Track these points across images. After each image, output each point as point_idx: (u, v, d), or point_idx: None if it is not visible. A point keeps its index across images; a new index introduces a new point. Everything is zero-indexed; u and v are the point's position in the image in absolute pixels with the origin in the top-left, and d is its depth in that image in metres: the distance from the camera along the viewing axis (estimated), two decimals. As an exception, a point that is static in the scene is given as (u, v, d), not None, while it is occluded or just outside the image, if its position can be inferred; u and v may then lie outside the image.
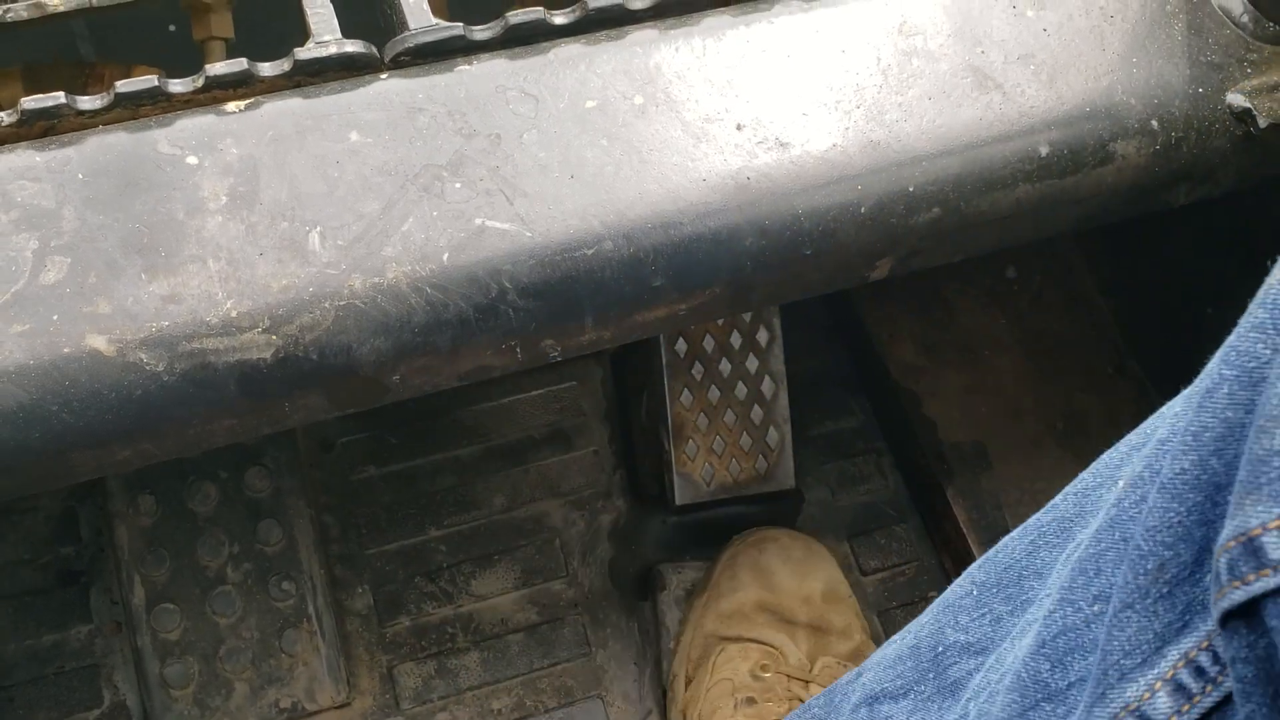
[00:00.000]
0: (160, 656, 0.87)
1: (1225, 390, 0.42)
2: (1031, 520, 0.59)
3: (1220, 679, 0.43)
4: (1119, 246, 1.00)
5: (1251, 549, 0.38)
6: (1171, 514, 0.43)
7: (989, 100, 0.64)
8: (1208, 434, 0.42)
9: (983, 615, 0.59)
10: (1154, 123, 0.66)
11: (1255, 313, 0.42)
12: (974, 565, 0.61)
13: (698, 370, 0.92)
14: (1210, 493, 0.42)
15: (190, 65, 0.64)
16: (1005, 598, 0.58)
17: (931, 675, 0.61)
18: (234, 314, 0.56)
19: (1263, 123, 0.66)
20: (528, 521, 0.96)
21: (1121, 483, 0.49)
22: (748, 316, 0.93)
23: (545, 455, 0.96)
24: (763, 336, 0.93)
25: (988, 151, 0.64)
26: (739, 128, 0.63)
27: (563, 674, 0.94)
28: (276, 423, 0.58)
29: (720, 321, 0.93)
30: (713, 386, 0.92)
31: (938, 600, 0.63)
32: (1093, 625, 0.49)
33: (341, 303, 0.56)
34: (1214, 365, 0.43)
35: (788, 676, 0.87)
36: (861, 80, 0.64)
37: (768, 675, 0.86)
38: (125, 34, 1.00)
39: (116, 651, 0.89)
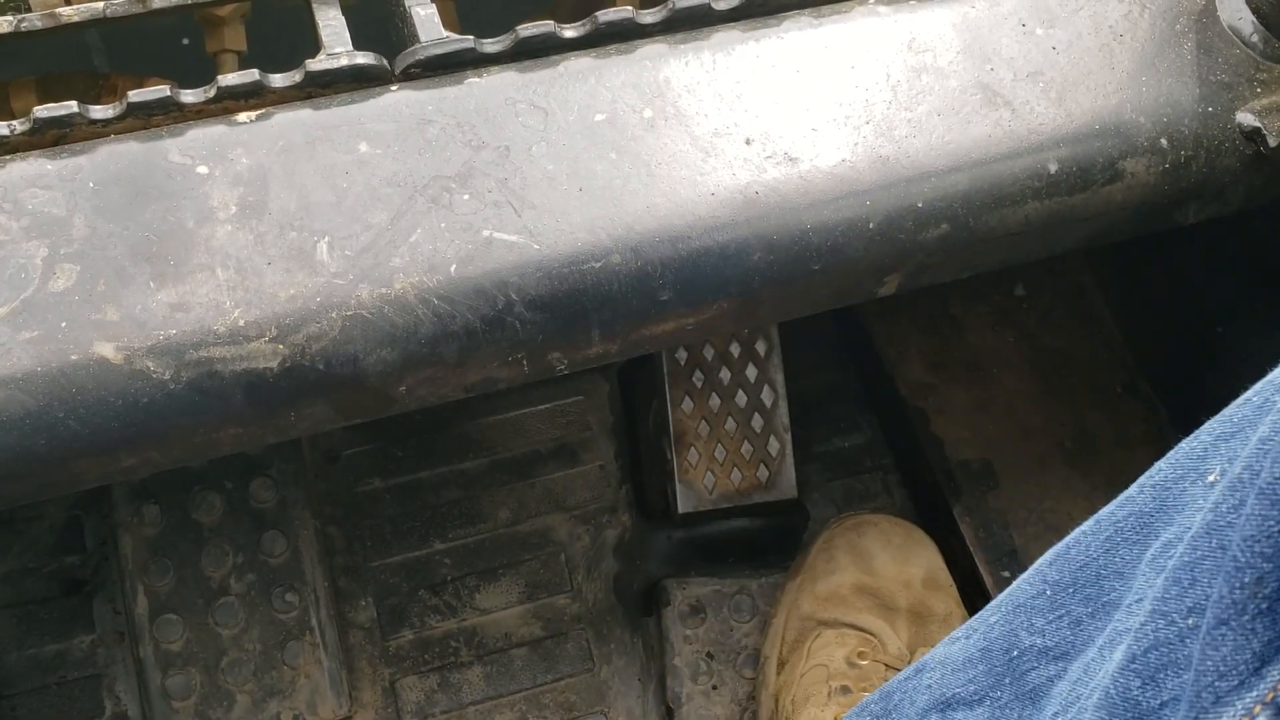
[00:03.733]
0: (162, 667, 0.87)
1: None
2: (1104, 514, 0.55)
3: None
4: (1129, 265, 1.00)
5: None
6: (1271, 523, 0.41)
7: (998, 117, 0.64)
8: None
9: (1060, 618, 0.56)
10: (1163, 141, 0.66)
11: None
12: (1043, 562, 0.58)
13: (698, 378, 0.92)
14: None
15: (203, 78, 0.64)
16: (1084, 599, 0.54)
17: (1008, 681, 0.58)
18: (241, 323, 0.56)
19: (1272, 142, 0.66)
20: (533, 535, 0.95)
21: (1212, 477, 0.47)
22: (749, 329, 0.93)
23: (551, 469, 0.96)
24: (761, 346, 0.93)
25: (997, 168, 0.64)
26: (748, 142, 0.63)
27: (566, 689, 0.93)
28: (282, 432, 0.58)
29: (723, 333, 0.93)
30: (713, 395, 0.92)
31: (1004, 598, 0.60)
32: (1187, 640, 0.46)
33: (349, 313, 0.56)
34: None
35: (885, 665, 0.84)
36: (870, 96, 0.64)
37: (864, 663, 0.83)
38: (139, 47, 1.01)
39: (119, 662, 0.89)
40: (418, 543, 0.94)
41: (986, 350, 0.99)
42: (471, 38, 0.64)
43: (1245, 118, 0.67)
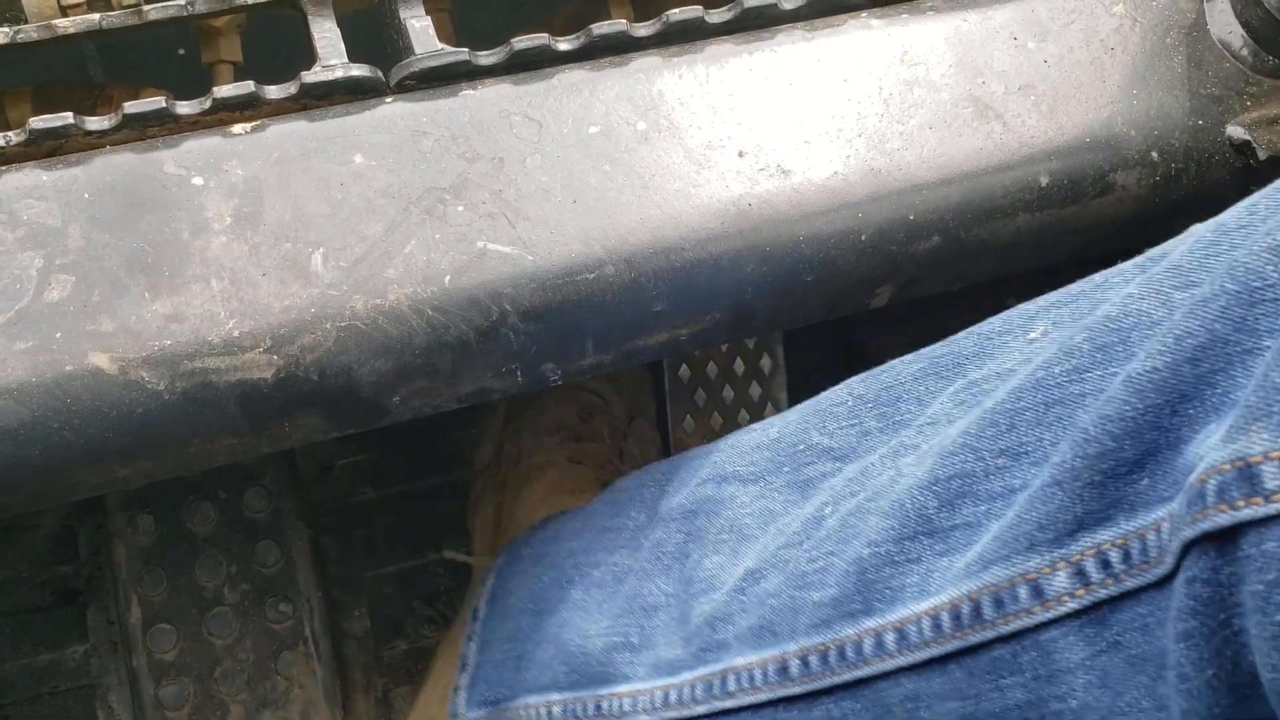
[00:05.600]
0: (156, 677, 0.87)
1: (1222, 303, 0.41)
2: (927, 350, 0.59)
3: (1123, 577, 0.43)
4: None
5: (1248, 475, 0.38)
6: (1128, 409, 0.43)
7: (989, 130, 0.65)
8: (1190, 340, 0.42)
9: (852, 426, 0.59)
10: (1154, 154, 0.66)
11: (1273, 235, 0.41)
12: (856, 378, 0.61)
13: (700, 396, 0.92)
14: (1173, 399, 0.42)
15: (198, 89, 0.65)
16: (879, 414, 0.58)
17: (786, 469, 0.61)
18: (236, 333, 0.56)
19: (1262, 155, 0.67)
20: (526, 546, 0.95)
21: (1034, 334, 0.50)
22: (751, 344, 0.94)
23: (545, 479, 0.96)
24: (766, 364, 0.93)
25: (988, 181, 0.64)
26: (741, 155, 0.63)
27: (560, 700, 0.93)
28: (276, 442, 0.59)
29: (724, 348, 0.94)
30: (715, 413, 0.92)
31: (809, 402, 0.63)
32: (991, 477, 0.49)
33: (343, 324, 0.57)
34: (1214, 274, 0.43)
35: (609, 426, 0.86)
36: (863, 109, 0.65)
37: (594, 419, 0.85)
38: (134, 57, 1.01)
39: (112, 672, 0.89)
40: (412, 553, 0.94)
41: (979, 361, 0.99)
42: (466, 50, 0.64)
43: (1235, 131, 0.68)
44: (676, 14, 0.66)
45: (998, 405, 0.49)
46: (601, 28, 0.66)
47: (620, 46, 0.66)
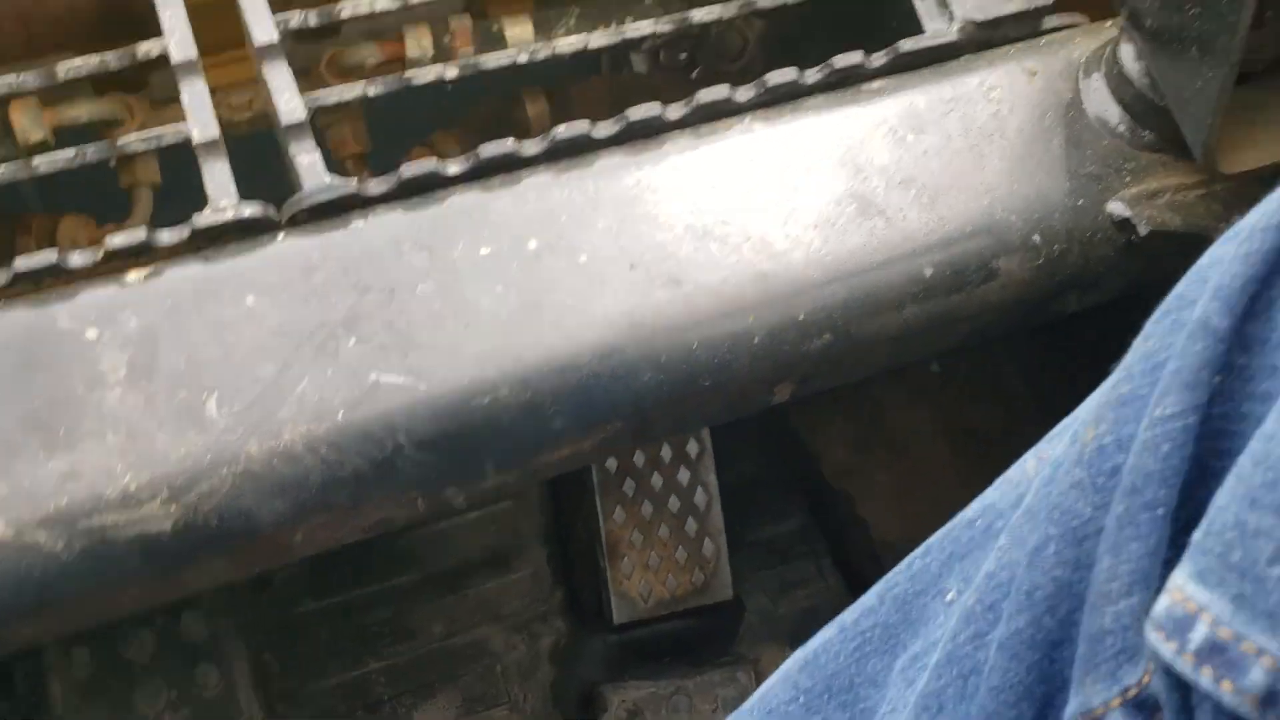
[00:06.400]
0: (101, 809, 0.86)
1: (1052, 549, 0.43)
2: (848, 622, 0.58)
3: None
4: (1039, 337, 1.02)
5: None
6: (1012, 674, 0.44)
7: (872, 226, 0.66)
8: (1039, 593, 0.43)
9: None
10: (1036, 237, 0.68)
11: (1073, 471, 0.43)
12: (793, 668, 0.60)
13: (629, 486, 0.93)
14: (1047, 650, 0.43)
15: (126, 206, 0.65)
16: (840, 704, 0.57)
17: None
18: (133, 487, 0.56)
19: (1143, 231, 0.68)
20: (467, 648, 0.95)
21: (950, 595, 0.50)
22: (679, 427, 0.94)
23: (483, 579, 0.96)
24: (693, 449, 0.94)
25: (873, 276, 0.65)
26: (632, 267, 0.64)
27: (510, 801, 0.93)
28: (181, 589, 0.59)
29: (652, 434, 0.94)
30: (645, 501, 0.93)
31: (754, 702, 0.61)
32: None
33: (239, 468, 0.57)
34: (1040, 518, 0.44)
35: None
36: (748, 213, 0.66)
37: None
38: (62, 176, 1.02)
39: (57, 806, 0.88)
40: (352, 663, 0.94)
41: (906, 429, 1.00)
42: (355, 181, 0.65)
43: (1116, 207, 0.69)
44: (563, 130, 0.68)
45: (926, 686, 0.50)
46: (489, 149, 0.67)
47: (509, 165, 0.67)
